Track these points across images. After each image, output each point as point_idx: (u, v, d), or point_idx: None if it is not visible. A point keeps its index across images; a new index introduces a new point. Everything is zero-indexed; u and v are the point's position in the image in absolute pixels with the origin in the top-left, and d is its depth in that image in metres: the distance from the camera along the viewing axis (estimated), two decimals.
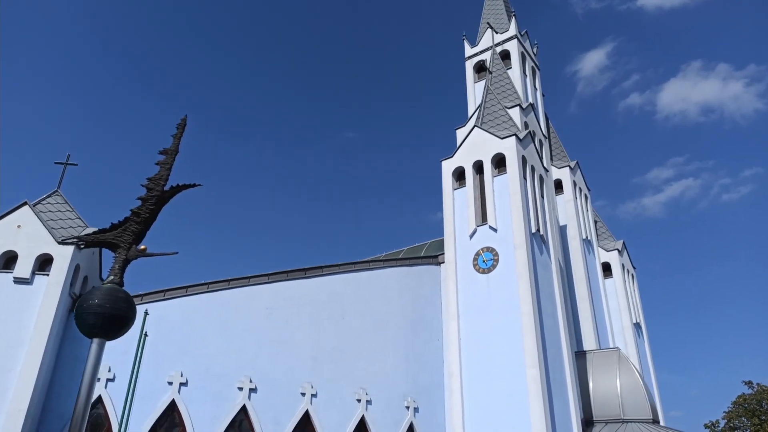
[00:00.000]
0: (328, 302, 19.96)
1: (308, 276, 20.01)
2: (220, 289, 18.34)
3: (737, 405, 49.35)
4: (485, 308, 20.34)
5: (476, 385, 19.43)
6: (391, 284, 21.85)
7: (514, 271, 20.06)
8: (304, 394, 18.10)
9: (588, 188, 34.33)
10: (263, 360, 17.91)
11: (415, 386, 20.66)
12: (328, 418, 18.24)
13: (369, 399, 19.28)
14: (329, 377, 18.82)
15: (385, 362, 20.34)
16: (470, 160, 23.15)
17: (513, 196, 21.24)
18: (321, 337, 19.22)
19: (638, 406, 22.33)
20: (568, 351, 20.73)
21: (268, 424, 17.19)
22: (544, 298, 20.72)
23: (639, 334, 31.75)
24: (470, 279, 21.24)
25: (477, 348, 20.00)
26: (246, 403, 17.06)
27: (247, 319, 18.25)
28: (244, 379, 17.33)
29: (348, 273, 20.98)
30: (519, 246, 20.26)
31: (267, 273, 19.29)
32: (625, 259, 33.20)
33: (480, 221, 21.96)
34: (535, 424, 17.43)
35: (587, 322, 27.24)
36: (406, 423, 19.85)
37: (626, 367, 23.51)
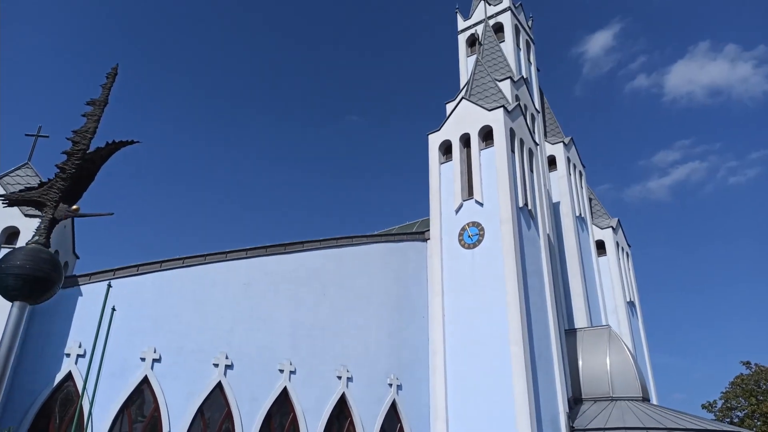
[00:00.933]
0: (308, 278, 19.49)
1: (288, 251, 19.51)
2: (195, 264, 17.87)
3: (735, 385, 49.11)
4: (470, 284, 19.85)
5: (460, 363, 19.01)
6: (374, 260, 21.35)
7: (499, 247, 19.52)
8: (282, 371, 17.71)
9: (583, 165, 33.64)
10: (240, 336, 17.50)
11: (399, 363, 20.26)
12: (307, 395, 17.88)
13: (350, 376, 18.90)
14: (308, 354, 18.42)
15: (368, 339, 19.93)
16: (457, 133, 22.49)
17: (500, 169, 20.62)
18: (300, 314, 18.79)
19: (628, 384, 21.92)
20: (555, 328, 20.27)
21: (245, 402, 16.83)
22: (531, 273, 20.20)
23: (633, 312, 31.28)
24: (455, 255, 20.72)
25: (461, 325, 19.55)
26: (222, 380, 16.68)
27: (224, 295, 17.80)
28: (219, 355, 16.93)
29: (330, 249, 20.48)
30: (505, 221, 19.69)
31: (245, 248, 18.81)
32: (619, 237, 32.62)
33: (466, 196, 21.38)
34: (518, 401, 17.02)
35: (579, 299, 26.76)
36: (389, 400, 19.48)
37: (616, 345, 23.07)
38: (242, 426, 16.49)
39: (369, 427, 18.65)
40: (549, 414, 18.34)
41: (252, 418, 16.74)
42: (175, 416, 15.80)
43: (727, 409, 48.79)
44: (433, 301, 20.45)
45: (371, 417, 18.86)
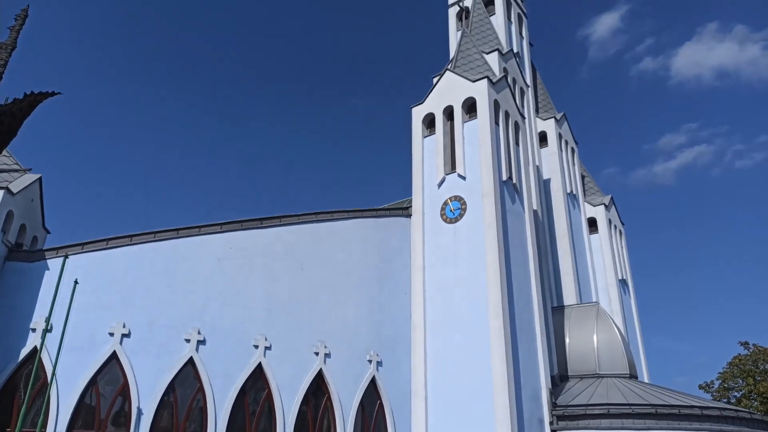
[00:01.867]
0: (285, 253, 19.05)
1: (264, 226, 19.06)
2: (167, 239, 17.44)
3: (733, 366, 48.76)
4: (451, 259, 19.38)
5: (440, 337, 18.62)
6: (354, 236, 20.88)
7: (481, 220, 19.02)
8: (257, 346, 17.35)
9: (576, 142, 32.97)
10: (213, 312, 17.11)
11: (379, 340, 19.88)
12: (283, 371, 17.53)
13: (327, 352, 18.53)
14: (285, 330, 18.05)
15: (347, 315, 19.53)
16: (441, 105, 21.88)
17: (482, 141, 20.04)
18: (276, 289, 18.38)
19: (615, 362, 21.52)
20: (540, 303, 19.82)
21: (218, 378, 16.49)
22: (515, 248, 19.70)
23: (625, 291, 30.82)
24: (437, 229, 20.24)
25: (442, 299, 19.12)
26: (193, 356, 16.32)
27: (197, 270, 17.39)
28: (191, 330, 16.56)
29: (308, 224, 20.01)
30: (487, 194, 19.16)
31: (219, 222, 18.36)
32: (612, 215, 32.06)
33: (449, 169, 20.83)
34: (497, 376, 16.62)
35: (568, 277, 26.30)
36: (368, 377, 19.12)
37: (604, 322, 22.63)
38: (214, 402, 16.17)
39: (347, 404, 18.33)
40: (530, 390, 17.95)
41: (225, 394, 16.42)
42: (145, 392, 15.49)
43: (724, 390, 48.50)
44: (414, 276, 20.01)
45: (349, 394, 18.53)
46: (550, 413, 18.21)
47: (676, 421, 16.88)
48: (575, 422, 17.80)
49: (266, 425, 16.94)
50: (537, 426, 17.68)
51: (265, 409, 17.03)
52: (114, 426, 15.13)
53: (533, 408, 17.81)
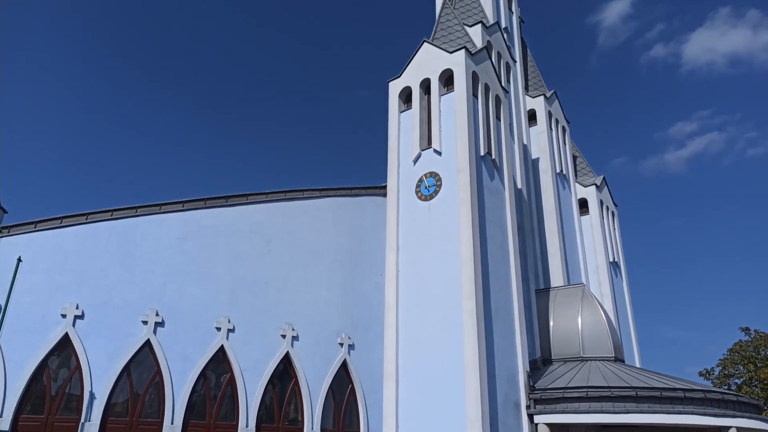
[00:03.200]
0: (251, 232, 18.30)
1: (230, 204, 18.30)
2: (125, 217, 16.71)
3: (733, 352, 47.79)
4: (425, 237, 18.57)
5: (412, 319, 17.86)
6: (327, 215, 20.09)
7: (456, 197, 18.16)
8: (219, 328, 16.65)
9: (567, 120, 31.95)
10: (172, 293, 16.41)
11: (351, 322, 19.14)
12: (247, 354, 16.83)
13: (295, 335, 17.81)
14: (250, 311, 17.34)
15: (317, 297, 18.79)
16: (418, 78, 20.97)
17: (459, 114, 19.14)
18: (241, 269, 17.65)
19: (600, 344, 20.71)
20: (518, 284, 18.98)
21: (176, 361, 15.81)
22: (492, 226, 18.85)
23: (617, 273, 29.93)
24: (412, 207, 19.41)
25: (415, 279, 18.33)
26: (150, 338, 15.64)
27: (156, 249, 16.66)
28: (149, 312, 15.87)
29: (276, 202, 19.24)
30: (462, 169, 18.29)
31: (181, 200, 17.60)
32: (604, 196, 31.09)
33: (425, 145, 19.96)
34: (468, 357, 15.84)
35: (556, 258, 25.42)
36: (339, 360, 18.41)
37: (590, 304, 21.78)
38: (172, 386, 15.52)
39: (315, 388, 17.64)
40: (506, 372, 17.18)
41: (184, 377, 15.76)
42: (98, 375, 14.83)
43: (725, 376, 47.59)
44: (388, 256, 19.23)
45: (318, 377, 17.84)
46: (527, 397, 17.44)
47: (657, 404, 16.07)
48: (552, 406, 17.04)
49: (228, 409, 16.28)
50: (513, 409, 16.92)
51: (227, 393, 16.37)
52: (65, 410, 14.49)
53: (509, 391, 17.04)
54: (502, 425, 16.13)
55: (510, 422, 16.57)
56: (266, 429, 16.54)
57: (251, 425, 16.15)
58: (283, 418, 16.97)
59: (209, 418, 15.85)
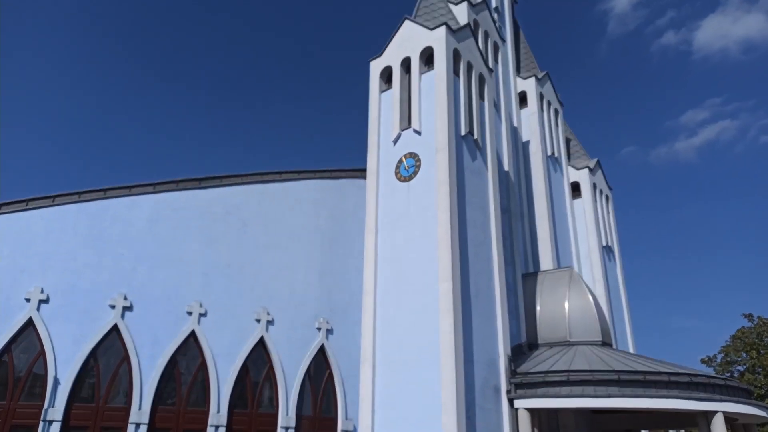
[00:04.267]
0: (226, 215, 17.88)
1: (203, 186, 17.88)
2: (94, 199, 16.32)
3: (736, 339, 47.08)
4: (404, 219, 18.08)
5: (390, 302, 17.41)
6: (306, 197, 19.63)
7: (434, 177, 17.63)
8: (190, 313, 16.27)
9: (560, 102, 31.25)
10: (142, 276, 16.03)
11: (330, 306, 18.73)
12: (219, 339, 16.46)
13: (271, 319, 17.42)
14: (223, 295, 16.95)
15: (294, 280, 18.37)
16: (398, 57, 20.40)
17: (438, 92, 18.57)
18: (214, 253, 17.24)
19: (587, 329, 20.19)
20: (500, 268, 18.47)
21: (145, 346, 15.46)
22: (473, 208, 18.32)
23: (610, 258, 29.34)
24: (391, 189, 18.91)
25: (393, 262, 17.87)
26: (118, 322, 15.29)
27: (125, 232, 16.27)
28: (117, 296, 15.50)
29: (253, 184, 18.79)
30: (441, 149, 17.74)
31: (152, 182, 17.19)
32: (598, 179, 30.44)
33: (405, 125, 19.42)
34: (444, 341, 15.39)
35: (545, 242, 24.87)
36: (316, 345, 18.02)
37: (577, 288, 21.23)
38: (140, 371, 15.18)
39: (291, 373, 17.27)
40: (486, 356, 16.71)
41: (153, 362, 15.42)
42: (63, 361, 14.52)
43: (727, 363, 46.95)
44: (367, 239, 18.76)
45: (295, 363, 17.46)
46: (507, 381, 16.98)
47: (641, 388, 15.56)
48: (533, 390, 16.57)
49: (200, 395, 15.93)
50: (492, 394, 16.48)
51: (198, 379, 16.01)
52: (29, 396, 14.17)
53: (488, 376, 16.59)
54: (479, 410, 15.69)
55: (489, 407, 16.13)
56: (239, 415, 16.18)
57: (223, 411, 15.80)
58: (257, 403, 16.61)
59: (179, 404, 15.51)
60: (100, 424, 14.56)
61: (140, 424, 14.75)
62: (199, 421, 15.61)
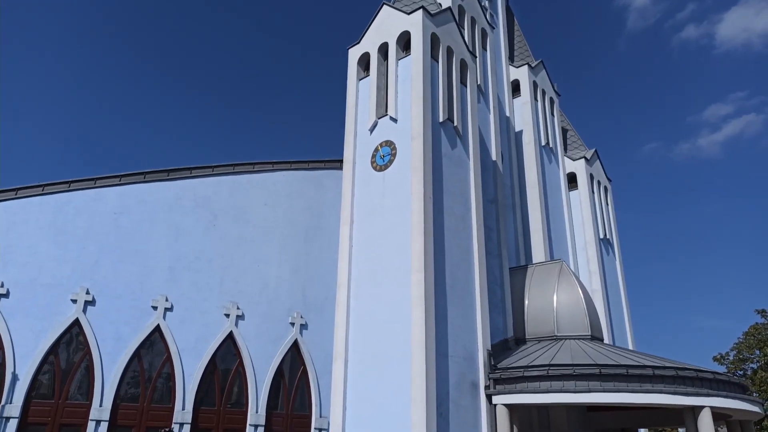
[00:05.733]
0: (195, 207, 17.41)
1: (171, 178, 17.42)
2: (58, 192, 15.95)
3: (749, 336, 45.57)
4: (379, 209, 17.46)
5: (364, 296, 16.80)
6: (281, 189, 19.10)
7: (409, 165, 16.99)
8: (155, 307, 15.82)
9: (557, 92, 30.37)
10: (105, 270, 15.62)
11: (304, 301, 18.17)
12: (186, 334, 15.98)
13: (240, 314, 16.91)
14: (191, 290, 16.47)
15: (267, 274, 17.85)
16: (376, 43, 19.79)
17: (414, 77, 17.92)
18: (182, 246, 16.78)
19: (576, 322, 19.37)
20: (481, 259, 17.75)
21: (107, 341, 15.04)
22: (452, 197, 17.63)
23: (608, 250, 28.38)
24: (367, 178, 18.30)
25: (368, 254, 17.26)
26: (80, 317, 14.89)
27: (90, 225, 15.86)
28: (79, 290, 15.10)
29: (224, 176, 18.31)
30: (416, 135, 17.09)
31: (118, 174, 16.79)
32: (595, 170, 29.49)
33: (382, 112, 18.80)
34: (415, 334, 14.73)
35: (538, 234, 24.07)
36: (290, 340, 17.47)
37: (567, 281, 20.41)
38: (102, 367, 14.76)
39: (262, 369, 16.74)
40: (463, 350, 16.02)
41: (115, 358, 14.99)
42: (22, 356, 14.14)
43: (739, 361, 45.47)
44: (342, 230, 18.17)
45: (266, 358, 16.93)
46: (486, 377, 16.26)
47: (624, 382, 14.75)
48: (513, 385, 15.83)
49: (165, 392, 15.47)
50: (469, 390, 15.78)
51: (163, 375, 15.55)
52: None
53: (466, 371, 15.88)
54: (454, 406, 15.01)
55: (465, 403, 15.43)
56: (205, 412, 15.70)
57: (188, 408, 15.32)
58: (225, 400, 16.10)
59: (142, 401, 15.06)
60: (60, 420, 14.16)
61: (101, 421, 14.33)
62: (164, 418, 15.14)
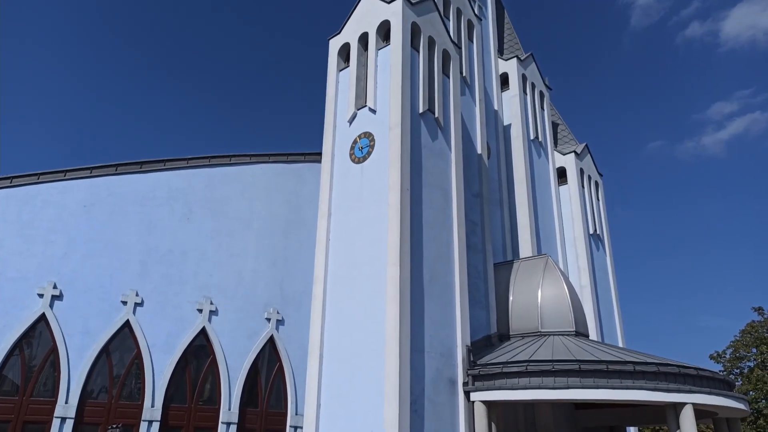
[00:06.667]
0: (169, 199, 17.06)
1: (144, 170, 17.07)
2: (26, 184, 15.61)
3: (745, 333, 45.11)
4: (357, 202, 17.05)
5: (340, 291, 16.39)
6: (259, 182, 18.75)
7: (387, 156, 16.59)
8: (125, 302, 15.46)
9: (547, 86, 29.94)
10: (74, 264, 15.27)
11: (282, 296, 17.83)
12: (157, 329, 15.63)
13: (214, 309, 16.55)
14: (162, 284, 16.12)
15: (243, 269, 17.49)
16: (357, 33, 19.38)
17: (393, 66, 17.51)
18: (154, 239, 16.42)
19: (560, 318, 18.93)
20: (461, 254, 17.33)
21: (75, 336, 14.70)
22: (432, 189, 17.22)
23: (598, 246, 27.96)
24: (345, 171, 17.90)
25: (344, 249, 16.85)
26: (46, 312, 14.55)
27: (58, 218, 15.54)
28: (46, 284, 14.76)
29: (201, 168, 17.95)
30: (394, 126, 16.69)
31: (89, 166, 16.43)
32: (586, 164, 29.06)
33: (361, 103, 18.38)
34: (389, 328, 14.33)
35: (525, 229, 23.66)
36: (265, 336, 17.13)
37: (552, 276, 19.97)
38: (69, 363, 14.41)
39: (236, 366, 16.39)
40: (440, 347, 15.60)
41: (82, 354, 14.64)
42: None
43: (736, 359, 45.04)
44: (319, 224, 17.75)
45: (240, 354, 16.58)
46: (465, 373, 15.85)
47: (603, 378, 14.33)
48: (491, 382, 15.42)
49: (134, 389, 15.11)
50: (447, 387, 15.37)
51: (132, 372, 15.19)
52: None
53: (443, 367, 15.48)
54: (430, 403, 14.60)
55: (441, 400, 15.03)
56: (176, 409, 15.34)
57: (157, 405, 14.96)
58: (197, 397, 15.74)
59: (110, 398, 14.70)
60: (24, 418, 13.83)
61: (66, 418, 13.98)
62: (133, 415, 14.79)
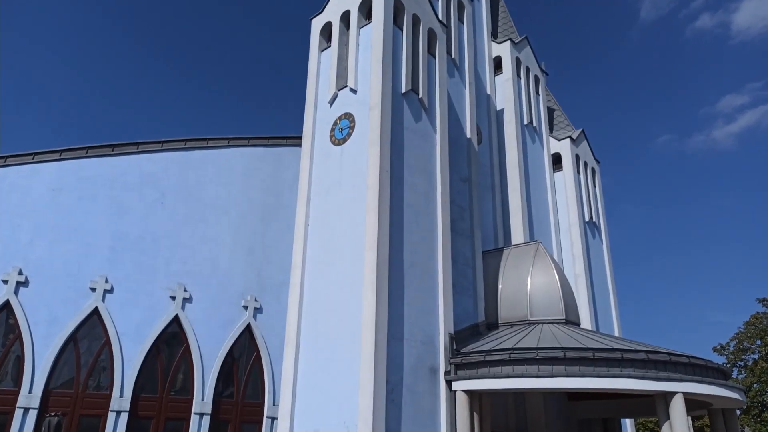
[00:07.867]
0: (141, 184, 16.47)
1: (116, 153, 16.49)
2: None
3: (749, 325, 44.25)
4: (336, 186, 16.43)
5: (317, 277, 15.81)
6: (236, 166, 18.15)
7: (367, 137, 15.94)
8: (94, 289, 14.91)
9: (543, 71, 29.15)
10: (41, 249, 14.73)
11: (260, 283, 17.24)
12: (127, 317, 15.08)
13: (188, 296, 15.98)
14: (133, 271, 15.56)
15: (219, 255, 16.91)
16: (339, 11, 18.71)
17: (375, 44, 16.84)
18: (125, 225, 15.85)
19: (550, 306, 18.27)
20: (445, 239, 16.67)
21: (41, 324, 14.17)
22: (414, 172, 16.56)
23: (594, 234, 27.21)
24: (325, 153, 17.27)
25: (323, 233, 16.25)
26: (10, 298, 14.02)
27: (25, 202, 14.99)
28: (11, 271, 14.23)
29: (175, 151, 17.35)
30: (374, 105, 16.03)
31: (58, 149, 15.87)
32: (582, 150, 28.29)
33: (342, 84, 17.73)
34: (366, 315, 13.73)
35: (517, 216, 22.97)
36: (242, 324, 16.56)
37: (542, 263, 19.28)
38: (34, 351, 13.88)
39: (210, 355, 15.83)
40: (421, 334, 14.99)
41: (48, 342, 14.11)
42: None
43: (740, 351, 44.23)
44: (298, 209, 17.16)
45: (215, 343, 16.03)
46: (447, 362, 15.24)
47: (590, 366, 13.67)
48: (474, 371, 14.80)
49: (102, 378, 14.58)
50: (427, 375, 14.76)
51: (101, 360, 14.66)
52: None
53: (423, 355, 14.87)
54: (408, 393, 14.00)
55: (421, 390, 14.42)
56: (146, 399, 14.79)
57: (126, 395, 14.43)
58: (169, 387, 15.19)
59: (77, 387, 14.17)
60: None
61: (29, 408, 13.47)
62: (100, 406, 14.26)
